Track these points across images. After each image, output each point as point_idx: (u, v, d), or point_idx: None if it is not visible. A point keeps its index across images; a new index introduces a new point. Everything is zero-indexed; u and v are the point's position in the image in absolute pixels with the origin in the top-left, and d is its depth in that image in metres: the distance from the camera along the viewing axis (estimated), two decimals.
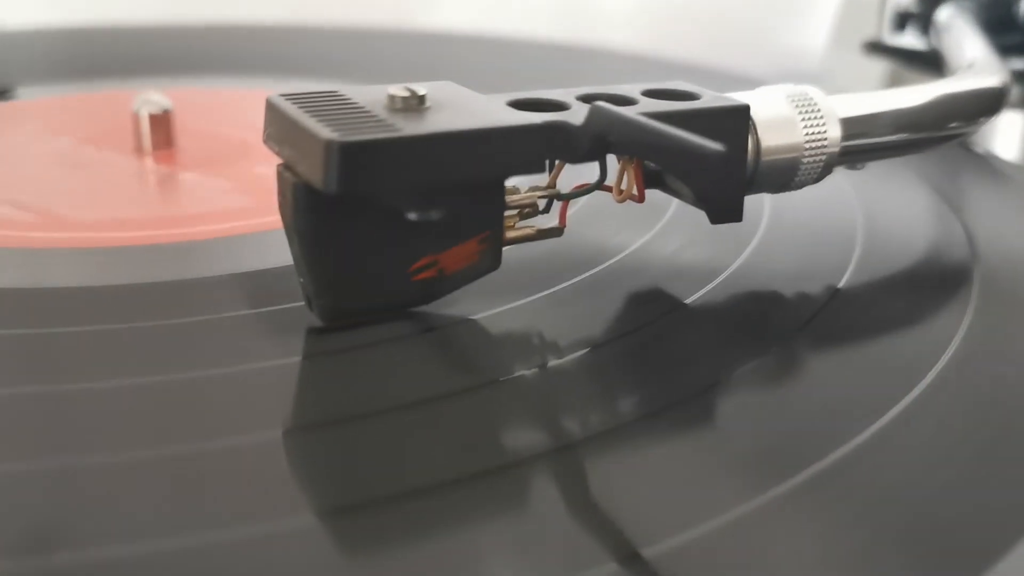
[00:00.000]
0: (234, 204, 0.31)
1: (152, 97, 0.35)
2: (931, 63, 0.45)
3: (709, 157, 0.17)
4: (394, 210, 0.21)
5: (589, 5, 0.69)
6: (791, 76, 0.27)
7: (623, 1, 0.68)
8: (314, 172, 0.19)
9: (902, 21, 0.49)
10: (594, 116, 0.20)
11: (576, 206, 0.29)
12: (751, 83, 0.26)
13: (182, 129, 0.36)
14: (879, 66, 0.52)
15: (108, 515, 0.16)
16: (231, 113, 0.41)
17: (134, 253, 0.27)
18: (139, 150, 0.35)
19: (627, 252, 0.26)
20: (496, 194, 0.22)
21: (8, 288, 0.24)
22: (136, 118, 0.35)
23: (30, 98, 0.44)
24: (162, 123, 0.35)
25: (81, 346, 0.21)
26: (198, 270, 0.26)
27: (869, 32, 0.52)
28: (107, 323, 0.22)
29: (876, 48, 0.50)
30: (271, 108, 0.21)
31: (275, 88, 0.23)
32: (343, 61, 0.54)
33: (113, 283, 0.25)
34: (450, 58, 0.55)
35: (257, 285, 0.24)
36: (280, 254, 0.23)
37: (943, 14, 0.45)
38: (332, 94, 0.22)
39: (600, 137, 0.20)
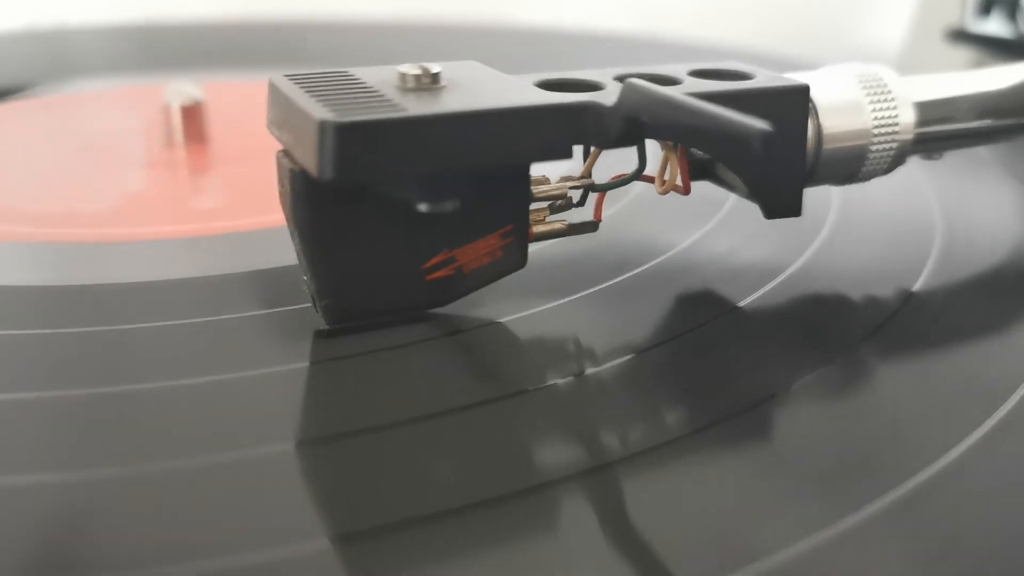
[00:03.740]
0: (262, 197, 0.29)
1: (184, 88, 0.34)
2: (1019, 51, 0.42)
3: (752, 138, 0.15)
4: (403, 201, 0.19)
5: None
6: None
7: None
8: (309, 157, 0.17)
9: (987, 5, 0.47)
10: (627, 94, 0.18)
11: (620, 199, 0.27)
12: None
13: (215, 120, 0.35)
14: (962, 55, 0.49)
15: (103, 533, 0.15)
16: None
17: (146, 248, 0.26)
18: (171, 143, 0.34)
19: (676, 250, 0.25)
20: (520, 184, 0.20)
21: (19, 286, 0.23)
22: (167, 109, 0.34)
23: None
24: (194, 115, 0.34)
25: (94, 347, 0.20)
26: (214, 267, 0.24)
27: (951, 19, 0.49)
28: (115, 323, 0.21)
29: (960, 36, 0.47)
30: (273, 89, 0.20)
31: None
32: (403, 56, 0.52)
33: (123, 280, 0.23)
34: (513, 51, 0.53)
35: (276, 282, 0.23)
36: None
37: None
38: (340, 74, 0.20)
39: (633, 118, 0.18)
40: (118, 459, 0.16)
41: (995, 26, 0.46)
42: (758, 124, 0.15)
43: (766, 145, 0.14)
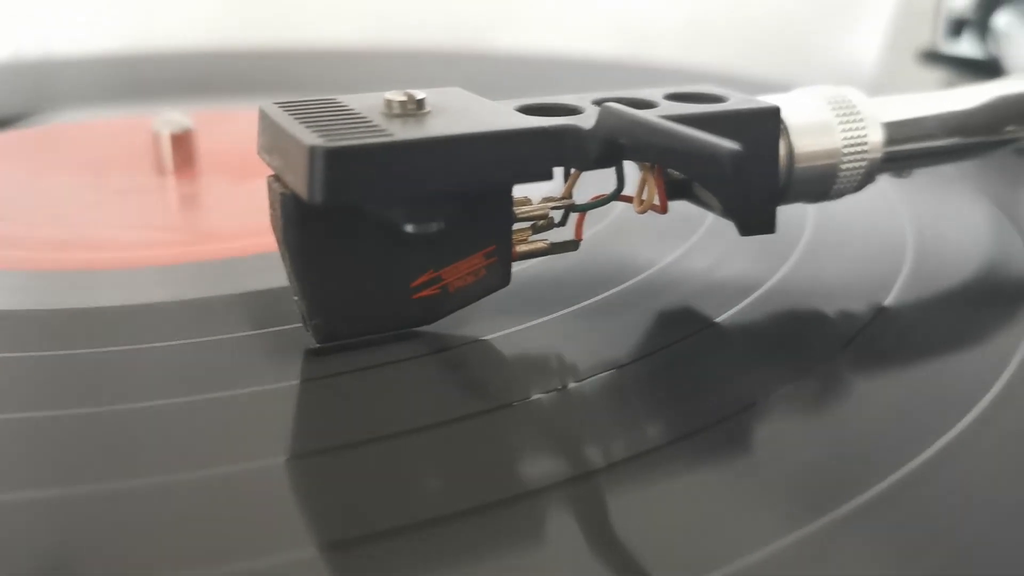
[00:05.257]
0: (253, 223, 0.30)
1: (172, 117, 0.34)
2: (989, 72, 0.43)
3: (722, 158, 0.15)
4: (390, 222, 0.19)
5: (637, 20, 0.68)
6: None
7: (673, 15, 0.67)
8: (299, 181, 0.18)
9: (958, 28, 0.47)
10: (604, 118, 0.19)
11: (603, 220, 0.27)
12: None
13: (204, 149, 0.36)
14: (935, 76, 0.50)
15: (99, 547, 0.15)
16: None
17: (138, 274, 0.26)
18: (160, 170, 0.34)
19: (655, 268, 0.25)
20: (502, 205, 0.20)
21: (17, 310, 0.24)
22: (157, 138, 0.34)
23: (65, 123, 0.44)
24: (183, 143, 0.34)
25: (94, 368, 0.21)
26: (206, 289, 0.25)
27: (923, 41, 0.50)
28: (108, 345, 0.22)
29: (932, 57, 0.48)
30: (263, 116, 0.20)
31: None
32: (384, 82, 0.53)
33: (116, 304, 0.24)
34: (496, 77, 0.53)
35: (268, 304, 0.23)
36: None
37: (1001, 20, 0.43)
38: (327, 101, 0.20)
39: (611, 140, 0.19)
40: (114, 475, 0.17)
41: (966, 47, 0.47)
42: (727, 144, 0.16)
43: (735, 164, 0.15)
